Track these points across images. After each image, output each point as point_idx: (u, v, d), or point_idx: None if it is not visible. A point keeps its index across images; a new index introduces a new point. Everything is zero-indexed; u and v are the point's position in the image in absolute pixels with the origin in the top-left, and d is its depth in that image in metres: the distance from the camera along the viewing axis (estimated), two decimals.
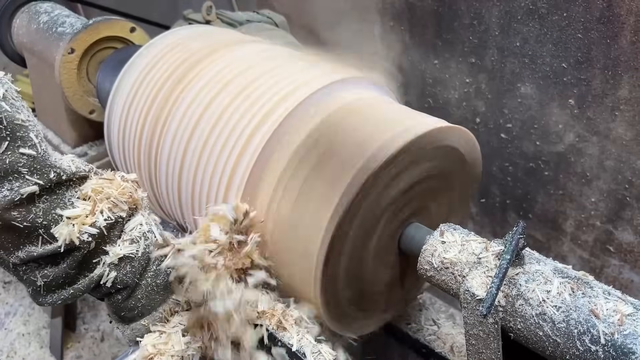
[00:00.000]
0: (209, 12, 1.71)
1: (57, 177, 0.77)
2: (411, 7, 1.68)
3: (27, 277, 0.80)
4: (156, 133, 1.08)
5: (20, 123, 0.73)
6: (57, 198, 0.78)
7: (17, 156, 0.72)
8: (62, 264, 0.80)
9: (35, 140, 0.75)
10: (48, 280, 0.80)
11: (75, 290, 0.82)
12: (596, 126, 1.39)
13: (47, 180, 0.76)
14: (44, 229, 0.77)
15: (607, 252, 1.52)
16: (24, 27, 1.61)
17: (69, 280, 0.82)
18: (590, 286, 0.74)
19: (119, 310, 0.88)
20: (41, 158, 0.75)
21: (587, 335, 0.70)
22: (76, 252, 0.80)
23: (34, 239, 0.77)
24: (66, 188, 0.80)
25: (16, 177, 0.73)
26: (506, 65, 1.51)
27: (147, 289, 0.87)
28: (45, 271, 0.80)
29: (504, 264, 0.74)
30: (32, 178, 0.74)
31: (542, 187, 1.59)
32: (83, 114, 1.53)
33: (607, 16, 1.25)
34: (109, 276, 0.83)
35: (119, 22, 1.49)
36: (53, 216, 0.77)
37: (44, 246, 0.77)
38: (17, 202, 0.73)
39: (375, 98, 1.06)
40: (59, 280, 0.81)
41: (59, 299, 0.82)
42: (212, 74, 1.04)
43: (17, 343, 2.02)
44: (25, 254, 0.77)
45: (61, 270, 0.80)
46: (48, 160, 0.76)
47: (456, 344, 1.14)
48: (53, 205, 0.78)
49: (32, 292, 0.82)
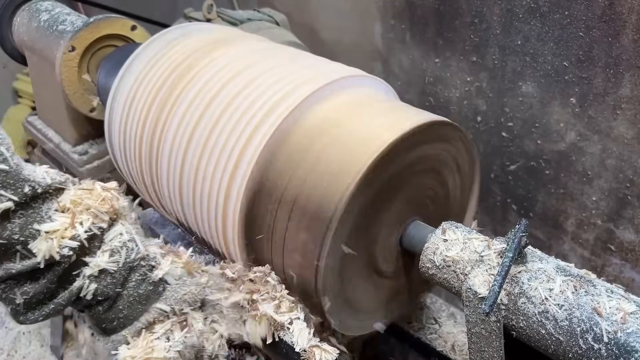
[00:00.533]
0: (210, 11, 1.71)
1: (32, 190, 0.75)
2: (412, 6, 1.68)
3: (6, 296, 0.77)
4: (157, 131, 1.07)
5: None
6: (33, 212, 0.76)
7: None
8: (42, 280, 0.77)
9: (7, 154, 0.73)
10: (28, 297, 0.77)
11: (56, 305, 0.80)
12: (597, 125, 1.39)
13: (22, 195, 0.73)
14: (22, 244, 0.74)
15: (608, 251, 1.52)
16: (25, 25, 1.60)
17: (49, 295, 0.79)
18: (593, 284, 0.74)
19: (100, 322, 0.85)
20: (14, 172, 0.73)
21: (589, 334, 0.70)
22: (57, 267, 0.77)
23: (11, 255, 0.74)
24: (42, 201, 0.78)
25: None
26: (507, 64, 1.51)
27: (129, 300, 0.84)
28: (25, 288, 0.77)
29: (506, 262, 0.74)
30: (5, 194, 0.72)
31: (543, 186, 1.58)
32: (84, 112, 1.52)
33: (609, 14, 1.25)
34: (89, 288, 0.80)
35: (119, 20, 1.48)
36: (30, 231, 0.75)
37: (22, 262, 0.75)
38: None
39: (376, 95, 1.05)
40: (39, 297, 0.78)
41: (40, 316, 0.79)
42: (213, 72, 1.04)
43: (18, 342, 2.02)
44: (4, 272, 0.75)
45: (41, 286, 0.77)
46: (21, 174, 0.74)
47: (457, 343, 1.14)
48: (30, 220, 0.75)
49: (11, 311, 0.79)
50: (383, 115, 0.95)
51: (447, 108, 1.72)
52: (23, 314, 0.79)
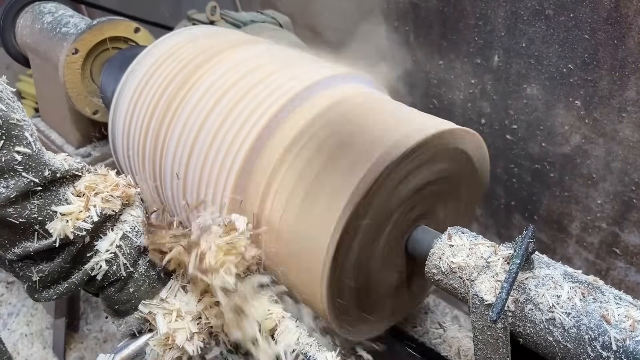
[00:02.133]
0: (213, 13, 1.70)
1: (51, 174, 0.79)
2: (416, 8, 1.67)
3: (23, 273, 0.82)
4: (161, 134, 1.07)
5: (16, 122, 0.76)
6: (51, 195, 0.80)
7: (13, 155, 0.75)
8: (57, 259, 0.81)
9: (30, 139, 0.77)
10: (44, 275, 0.81)
11: (70, 284, 0.84)
12: (603, 128, 1.38)
13: (42, 177, 0.78)
14: (39, 224, 0.78)
15: (613, 254, 1.51)
16: (28, 27, 1.60)
17: (64, 275, 0.83)
18: (601, 291, 0.73)
19: (113, 304, 0.89)
20: (36, 156, 0.77)
21: (598, 341, 0.69)
22: (71, 247, 0.81)
23: (30, 235, 0.79)
24: (60, 185, 0.82)
25: (12, 175, 0.75)
26: (512, 66, 1.50)
27: (140, 281, 0.88)
28: (41, 266, 0.81)
29: (514, 268, 0.73)
30: (27, 175, 0.76)
31: (548, 189, 1.58)
32: (87, 114, 1.52)
33: (615, 17, 1.24)
34: (101, 269, 0.84)
35: (122, 23, 1.48)
36: (48, 212, 0.79)
37: (40, 241, 0.79)
38: (13, 199, 0.75)
39: (381, 96, 1.05)
40: (54, 275, 0.82)
41: (54, 294, 0.83)
42: (218, 75, 1.04)
43: (20, 343, 2.02)
44: (22, 250, 0.79)
45: (56, 265, 0.81)
46: (42, 159, 0.78)
47: (462, 348, 1.14)
48: (47, 201, 0.79)
49: (27, 288, 0.83)
50: (395, 119, 0.95)
51: (451, 110, 1.72)
52: (39, 292, 0.83)
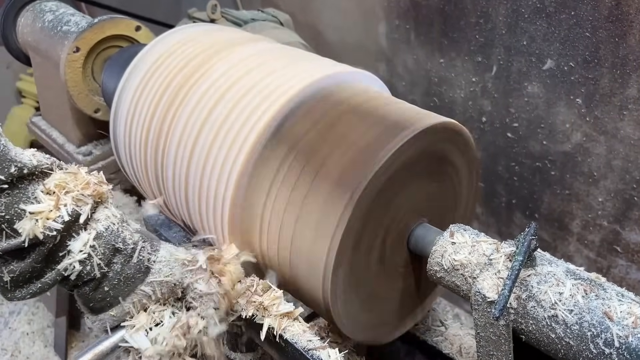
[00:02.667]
0: (214, 11, 1.70)
1: (18, 171, 0.77)
2: (417, 6, 1.67)
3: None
4: (163, 132, 1.07)
5: None
6: (19, 192, 0.78)
7: None
8: (27, 259, 0.80)
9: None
10: (15, 275, 0.80)
11: (43, 284, 0.82)
12: (604, 125, 1.38)
13: (8, 174, 0.76)
14: (7, 223, 0.77)
15: (614, 252, 1.51)
16: (29, 25, 1.60)
17: (36, 275, 0.82)
18: (604, 288, 0.73)
19: (88, 302, 0.88)
20: (1, 153, 0.76)
21: (600, 338, 0.70)
22: (41, 247, 0.79)
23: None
24: (28, 182, 0.80)
25: None
26: (513, 64, 1.50)
27: (114, 281, 0.87)
28: (12, 266, 0.79)
29: (516, 265, 0.73)
30: None
31: (549, 187, 1.58)
32: (88, 112, 1.52)
33: (616, 15, 1.24)
34: (74, 269, 0.83)
35: (123, 21, 1.48)
36: (16, 210, 0.77)
37: (8, 241, 0.77)
38: None
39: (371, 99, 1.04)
40: (25, 275, 0.81)
41: (27, 294, 0.82)
42: (220, 73, 1.04)
43: (22, 342, 2.02)
44: None
45: (27, 265, 0.80)
46: (8, 155, 0.76)
47: (464, 346, 1.14)
48: (15, 199, 0.78)
49: (0, 288, 0.82)
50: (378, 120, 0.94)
51: (452, 109, 1.72)
52: (11, 292, 0.82)
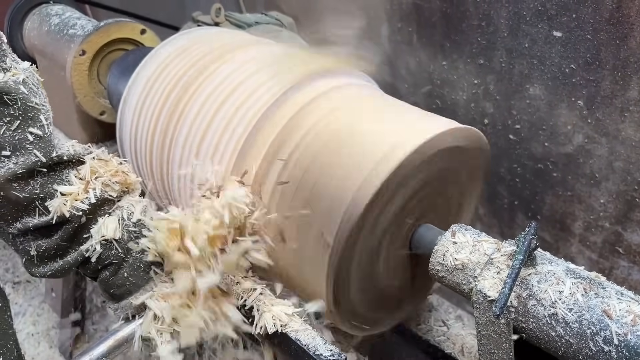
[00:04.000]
0: (218, 14, 1.72)
1: (58, 157, 0.85)
2: (419, 8, 1.68)
3: (22, 247, 0.87)
4: (168, 134, 1.09)
5: (34, 105, 0.83)
6: (54, 174, 0.85)
7: (26, 134, 0.81)
8: (54, 236, 0.86)
9: (44, 122, 0.84)
10: (41, 250, 0.86)
11: (65, 262, 0.88)
12: (605, 127, 1.39)
13: (49, 158, 0.83)
14: (40, 201, 0.84)
15: (616, 253, 1.51)
16: (35, 29, 1.62)
17: (60, 253, 0.88)
18: (603, 287, 0.74)
19: (108, 287, 0.91)
20: (47, 139, 0.84)
21: (600, 336, 0.70)
22: (67, 225, 0.86)
23: (31, 211, 0.84)
24: (64, 166, 0.87)
25: (22, 153, 0.81)
26: (515, 67, 1.51)
27: (133, 267, 0.90)
28: (39, 242, 0.86)
29: (516, 264, 0.74)
30: (36, 154, 0.82)
31: (551, 188, 1.58)
32: (93, 115, 1.54)
33: (617, 17, 1.25)
34: (95, 251, 0.87)
35: (129, 24, 1.50)
36: (49, 190, 0.84)
37: (40, 218, 0.84)
38: (19, 174, 0.81)
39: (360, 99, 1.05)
40: (50, 252, 0.87)
41: (49, 270, 0.88)
42: (224, 76, 1.05)
43: (27, 343, 2.04)
44: (22, 225, 0.84)
45: (53, 242, 0.86)
46: (52, 142, 0.85)
47: (466, 345, 1.15)
48: (50, 180, 0.85)
49: (25, 261, 0.88)
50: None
51: (454, 111, 1.73)
52: (35, 266, 0.88)
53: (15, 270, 2.32)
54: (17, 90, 0.80)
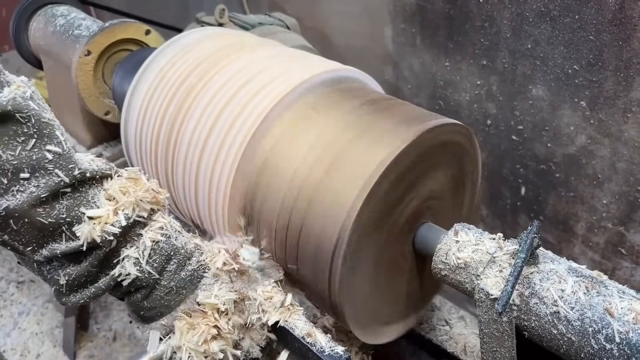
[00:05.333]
0: (222, 15, 1.73)
1: (81, 175, 0.78)
2: (422, 10, 1.69)
3: (50, 277, 0.81)
4: (173, 134, 1.09)
5: (47, 121, 0.76)
6: (80, 196, 0.79)
7: (44, 153, 0.75)
8: (84, 262, 0.80)
9: (61, 138, 0.77)
10: (71, 278, 0.80)
11: (97, 289, 0.83)
12: (608, 128, 1.39)
13: (72, 177, 0.77)
14: (68, 225, 0.78)
15: (619, 254, 1.52)
16: (41, 29, 1.63)
17: (91, 279, 0.83)
18: (605, 285, 0.75)
19: (139, 310, 0.88)
20: (66, 155, 0.77)
21: (601, 334, 0.71)
22: (98, 251, 0.80)
23: (57, 236, 0.78)
24: (89, 186, 0.81)
25: (42, 174, 0.74)
26: (517, 68, 1.51)
27: (166, 289, 0.86)
28: (68, 270, 0.80)
29: (519, 262, 0.74)
30: (58, 174, 0.75)
31: (553, 189, 1.59)
32: (98, 115, 1.55)
33: (620, 18, 1.26)
34: (129, 275, 0.83)
35: (134, 25, 1.51)
36: (76, 213, 0.78)
37: (67, 244, 0.78)
38: (44, 198, 0.74)
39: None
40: (81, 279, 0.81)
41: (82, 298, 0.83)
42: (229, 76, 1.06)
43: (31, 342, 2.05)
44: (49, 252, 0.78)
45: (83, 268, 0.80)
46: (72, 158, 0.78)
47: (469, 344, 1.15)
48: (77, 202, 0.79)
49: (55, 291, 0.83)
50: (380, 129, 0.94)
51: (457, 112, 1.73)
52: (66, 295, 0.82)
53: (19, 270, 2.33)
54: (29, 107, 0.74)
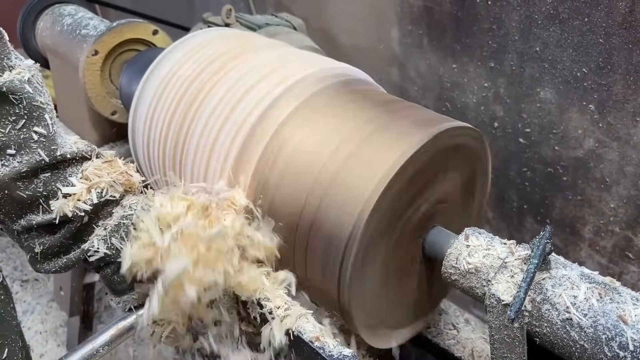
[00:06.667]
0: (229, 15, 1.72)
1: (61, 156, 0.86)
2: (430, 11, 1.68)
3: (27, 244, 0.89)
4: (182, 135, 1.09)
5: (39, 104, 0.84)
6: (58, 173, 0.87)
7: (31, 133, 0.83)
8: (57, 234, 0.87)
9: (49, 122, 0.85)
10: (45, 247, 0.88)
11: (68, 260, 0.89)
12: (617, 132, 1.39)
13: (52, 157, 0.85)
14: (44, 199, 0.85)
15: (626, 258, 1.51)
16: (48, 29, 1.63)
17: (64, 250, 0.89)
18: (618, 292, 0.74)
19: (110, 283, 0.93)
20: (51, 137, 0.85)
21: (615, 341, 0.70)
22: (70, 224, 0.87)
23: (35, 208, 0.85)
24: (68, 165, 0.88)
25: (27, 152, 0.82)
26: (525, 70, 1.51)
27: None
28: (43, 240, 0.88)
29: (531, 268, 0.74)
30: (40, 154, 0.83)
31: (561, 193, 1.58)
32: (105, 115, 1.55)
33: (630, 21, 1.25)
34: (98, 250, 0.89)
35: (141, 25, 1.51)
36: (53, 188, 0.86)
37: (43, 216, 0.86)
38: (24, 173, 0.82)
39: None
40: (54, 249, 0.88)
41: (54, 267, 0.89)
42: (237, 77, 1.05)
43: (35, 341, 2.05)
44: (26, 222, 0.86)
45: (57, 239, 0.87)
46: (56, 141, 0.86)
47: (476, 349, 1.14)
48: (54, 178, 0.86)
49: (30, 258, 0.90)
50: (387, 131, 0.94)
51: (464, 114, 1.73)
52: (40, 263, 0.90)
53: (23, 269, 2.33)
54: (23, 90, 0.81)
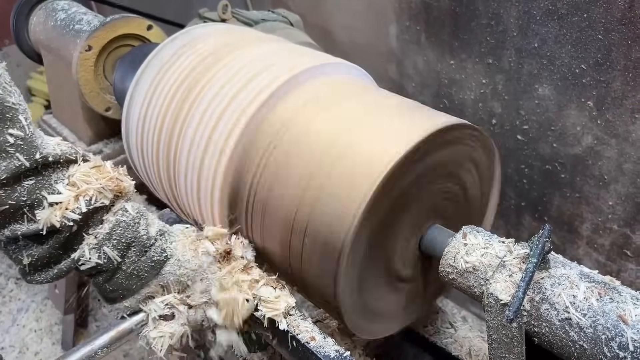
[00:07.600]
0: (225, 11, 1.70)
1: (42, 158, 0.80)
2: (428, 7, 1.67)
3: (15, 256, 0.84)
4: (175, 131, 1.07)
5: (11, 105, 0.77)
6: (42, 179, 0.82)
7: (6, 137, 0.77)
8: (45, 245, 0.83)
9: (24, 123, 0.79)
10: (34, 259, 0.83)
11: (59, 270, 0.85)
12: (615, 129, 1.38)
13: (33, 160, 0.79)
14: (29, 207, 0.80)
15: (624, 256, 1.50)
16: (41, 24, 1.61)
17: (54, 260, 0.85)
18: (618, 291, 0.73)
19: (102, 291, 0.90)
20: (29, 139, 0.79)
21: (615, 341, 0.69)
22: (58, 235, 0.83)
23: (19, 217, 0.80)
24: (52, 170, 0.83)
25: (3, 157, 0.77)
26: (524, 66, 1.50)
27: (127, 273, 0.89)
28: (31, 251, 0.83)
29: (530, 267, 0.73)
30: (18, 158, 0.78)
31: (559, 190, 1.57)
32: (99, 111, 1.53)
33: (629, 17, 1.24)
34: (89, 259, 0.85)
35: (135, 20, 1.49)
36: (38, 196, 0.81)
37: (29, 225, 0.81)
38: (4, 180, 0.77)
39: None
40: (44, 260, 0.84)
41: (45, 278, 0.85)
42: (233, 72, 1.04)
43: (29, 339, 2.03)
44: (11, 232, 0.81)
45: (45, 250, 0.83)
46: (35, 142, 0.80)
47: (473, 348, 1.14)
48: (39, 185, 0.81)
49: (20, 270, 0.86)
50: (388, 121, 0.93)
51: (462, 110, 1.72)
52: (30, 274, 0.85)
53: None
54: None
